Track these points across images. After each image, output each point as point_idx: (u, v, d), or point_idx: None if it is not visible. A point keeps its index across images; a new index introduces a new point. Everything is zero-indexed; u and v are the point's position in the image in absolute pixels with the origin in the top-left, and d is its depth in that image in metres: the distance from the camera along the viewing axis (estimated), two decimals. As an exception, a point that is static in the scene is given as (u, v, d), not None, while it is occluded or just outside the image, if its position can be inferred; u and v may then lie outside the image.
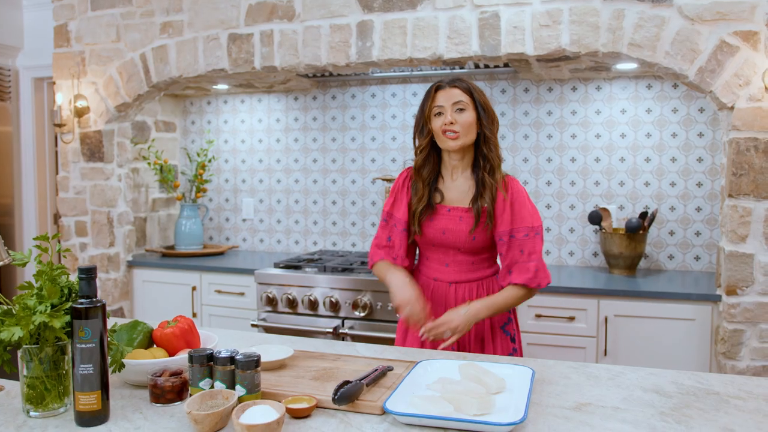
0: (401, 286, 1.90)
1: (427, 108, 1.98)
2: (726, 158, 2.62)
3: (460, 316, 1.85)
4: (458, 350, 1.93)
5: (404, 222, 2.04)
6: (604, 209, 3.28)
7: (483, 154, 1.96)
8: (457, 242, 1.96)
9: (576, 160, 3.44)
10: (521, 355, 2.07)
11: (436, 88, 1.98)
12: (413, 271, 2.11)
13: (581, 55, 2.73)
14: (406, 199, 2.05)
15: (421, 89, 3.69)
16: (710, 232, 3.23)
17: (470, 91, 1.95)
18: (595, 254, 3.43)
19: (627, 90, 3.33)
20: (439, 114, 1.94)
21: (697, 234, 3.25)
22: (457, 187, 2.01)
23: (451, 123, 1.92)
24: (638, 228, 3.06)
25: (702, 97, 3.19)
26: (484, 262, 2.02)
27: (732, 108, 2.54)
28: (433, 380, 1.41)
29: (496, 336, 2.00)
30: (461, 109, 1.92)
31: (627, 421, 1.23)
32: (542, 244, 2.00)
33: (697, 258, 3.26)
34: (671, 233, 3.30)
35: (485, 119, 1.95)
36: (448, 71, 3.28)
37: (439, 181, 2.05)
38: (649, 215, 3.15)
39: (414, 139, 2.05)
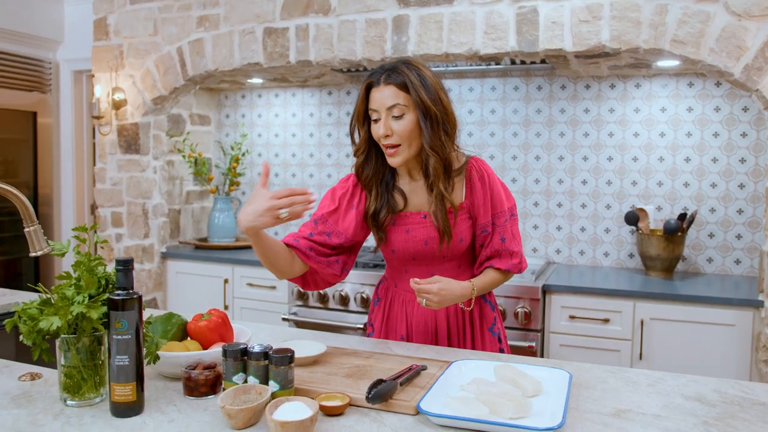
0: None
1: (359, 110, 1.70)
2: (772, 159, 2.54)
3: (455, 292, 1.67)
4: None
5: (347, 237, 1.76)
6: (641, 210, 3.21)
7: (424, 164, 1.70)
8: (442, 249, 1.76)
9: (613, 159, 3.37)
10: (509, 353, 1.90)
11: (368, 86, 1.67)
12: (387, 288, 1.92)
13: (621, 51, 2.67)
14: (356, 212, 1.78)
15: (456, 85, 3.65)
16: (752, 235, 3.14)
17: (407, 87, 1.62)
18: (631, 255, 3.36)
19: (667, 88, 3.25)
20: (378, 120, 1.65)
21: (738, 237, 3.16)
22: (422, 188, 1.77)
23: (387, 136, 1.63)
24: (677, 230, 2.99)
25: (746, 95, 3.09)
26: (467, 264, 1.85)
27: (779, 107, 2.46)
28: (468, 381, 1.39)
29: (485, 339, 1.86)
30: (398, 115, 1.63)
31: (669, 430, 1.19)
32: (518, 224, 1.83)
33: (738, 261, 3.17)
34: (711, 236, 3.21)
35: (425, 126, 1.64)
36: (484, 67, 3.24)
37: (397, 178, 1.79)
38: (688, 217, 3.07)
39: (351, 138, 1.78)
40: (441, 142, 1.67)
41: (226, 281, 3.55)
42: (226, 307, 3.56)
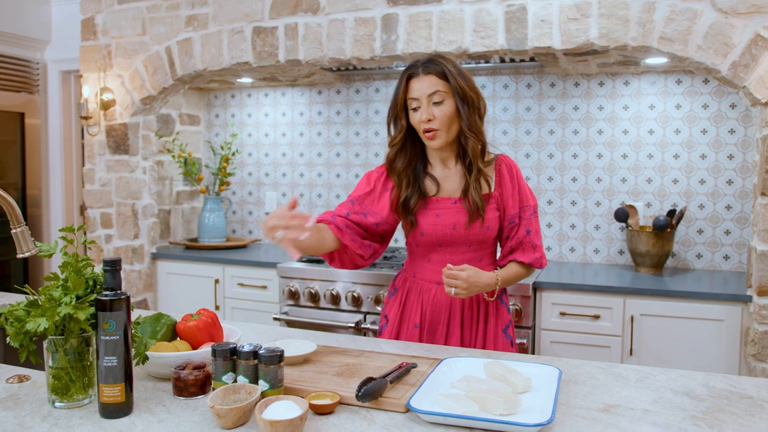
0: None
1: (400, 100, 1.80)
2: (759, 155, 2.56)
3: (481, 281, 1.75)
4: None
5: (382, 217, 1.86)
6: (631, 206, 3.23)
7: (462, 147, 1.83)
8: (469, 236, 1.83)
9: (602, 156, 3.38)
10: None
11: (409, 77, 1.78)
12: (405, 279, 1.96)
13: (610, 49, 2.68)
14: (389, 195, 1.88)
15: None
16: (740, 231, 3.16)
17: (446, 76, 1.76)
18: (621, 252, 3.37)
19: (656, 85, 3.27)
20: (417, 108, 1.77)
21: (727, 233, 3.18)
22: (455, 175, 1.86)
23: (429, 120, 1.75)
24: (666, 226, 3.00)
25: (734, 92, 3.11)
26: (489, 257, 1.91)
27: (766, 104, 2.47)
28: (458, 378, 1.39)
29: (497, 340, 1.89)
30: (439, 101, 1.75)
31: (657, 424, 1.20)
32: (539, 222, 1.92)
33: (727, 257, 3.19)
34: (700, 231, 3.23)
35: (463, 110, 1.76)
36: (473, 65, 3.25)
37: (429, 167, 1.88)
38: (677, 213, 3.09)
39: (388, 131, 1.88)
40: (477, 125, 1.80)
41: (216, 281, 3.54)
42: (217, 308, 3.55)
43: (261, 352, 1.28)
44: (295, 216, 1.50)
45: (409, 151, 1.87)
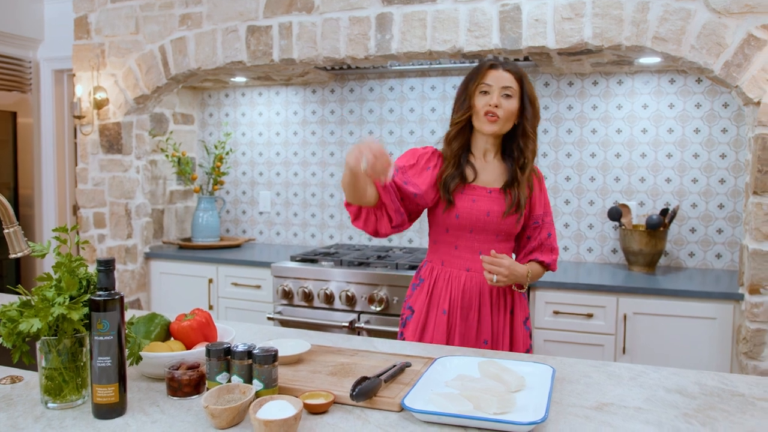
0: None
1: (474, 84, 1.92)
2: (751, 154, 2.57)
3: (518, 272, 1.87)
4: (491, 344, 1.95)
5: (421, 189, 1.92)
6: (624, 205, 3.24)
7: (518, 147, 1.95)
8: (501, 225, 1.94)
9: (596, 156, 3.39)
10: (532, 352, 2.07)
11: (489, 66, 1.93)
12: (432, 269, 2.02)
13: (604, 48, 2.69)
14: (431, 174, 1.95)
15: (440, 83, 3.66)
16: (732, 229, 3.18)
17: (521, 79, 1.92)
18: (614, 251, 3.39)
19: (649, 85, 3.28)
20: (485, 93, 1.90)
21: (719, 231, 3.20)
22: (492, 168, 1.98)
23: (496, 106, 1.88)
24: (659, 225, 3.02)
25: (726, 92, 3.13)
26: (509, 252, 2.02)
27: (758, 103, 2.49)
28: (452, 377, 1.39)
29: (522, 331, 2.00)
30: (508, 95, 1.90)
31: (650, 422, 1.20)
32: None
33: (719, 256, 3.21)
34: (692, 230, 3.24)
35: (528, 112, 1.93)
36: (468, 65, 3.25)
37: (470, 157, 2.00)
38: (670, 212, 3.10)
39: (453, 111, 2.00)
40: (534, 131, 1.97)
41: (210, 281, 3.54)
42: (210, 307, 3.54)
43: (255, 351, 1.28)
44: (383, 156, 1.57)
45: (465, 136, 1.98)
